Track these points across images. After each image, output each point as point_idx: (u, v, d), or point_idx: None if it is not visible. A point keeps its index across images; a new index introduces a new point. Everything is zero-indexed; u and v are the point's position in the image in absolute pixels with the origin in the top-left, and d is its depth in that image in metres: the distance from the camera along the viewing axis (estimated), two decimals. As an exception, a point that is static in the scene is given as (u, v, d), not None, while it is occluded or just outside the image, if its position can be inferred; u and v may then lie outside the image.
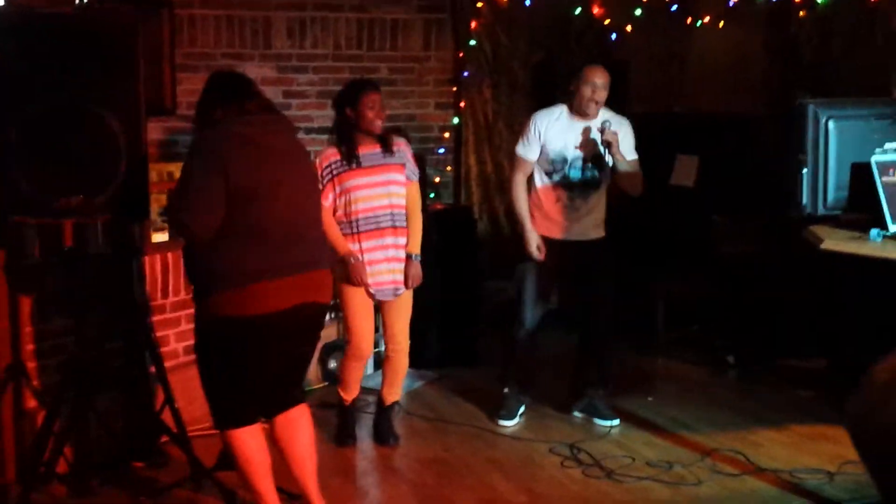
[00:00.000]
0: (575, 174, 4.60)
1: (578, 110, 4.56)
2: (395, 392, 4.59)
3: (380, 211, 4.30)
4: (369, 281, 4.31)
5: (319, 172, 4.25)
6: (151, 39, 5.63)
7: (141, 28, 3.79)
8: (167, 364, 4.22)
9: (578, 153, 4.59)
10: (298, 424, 3.53)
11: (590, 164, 4.60)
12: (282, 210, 3.29)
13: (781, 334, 5.57)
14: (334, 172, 4.28)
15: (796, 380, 5.34)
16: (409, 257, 4.39)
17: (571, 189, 4.62)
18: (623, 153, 4.54)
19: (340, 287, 4.36)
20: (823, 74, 5.80)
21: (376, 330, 4.81)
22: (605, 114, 4.59)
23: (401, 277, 4.38)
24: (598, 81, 4.51)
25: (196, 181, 3.24)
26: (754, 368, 5.55)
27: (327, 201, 4.27)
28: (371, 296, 4.37)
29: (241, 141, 3.28)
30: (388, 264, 4.34)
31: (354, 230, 4.29)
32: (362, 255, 4.29)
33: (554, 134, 4.59)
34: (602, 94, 4.53)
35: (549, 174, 4.63)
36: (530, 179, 4.71)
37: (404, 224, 4.38)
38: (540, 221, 4.68)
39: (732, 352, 5.65)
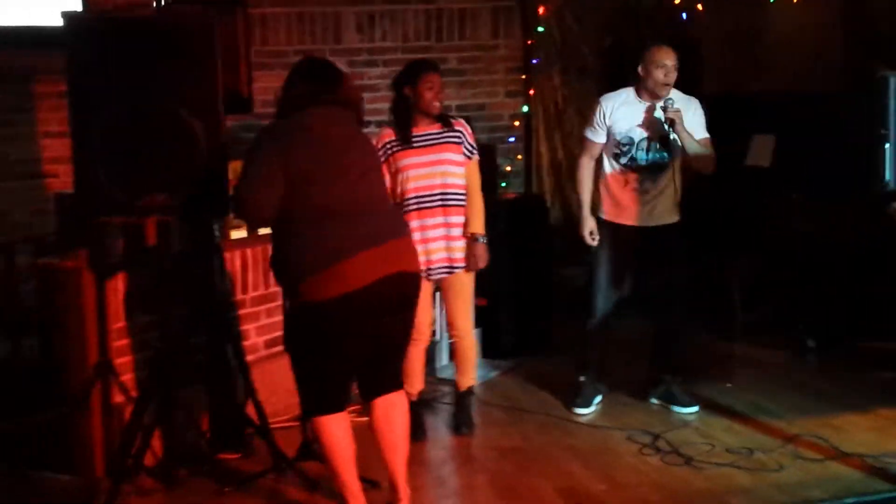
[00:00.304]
0: (642, 156, 4.56)
1: (651, 92, 4.52)
2: (469, 378, 4.60)
3: (429, 191, 4.30)
4: (421, 260, 4.31)
5: (379, 151, 4.27)
6: (227, 39, 5.73)
7: (217, 28, 3.87)
8: (249, 358, 4.32)
9: (645, 134, 4.55)
10: (396, 410, 3.53)
11: (656, 145, 4.55)
12: (344, 190, 3.36)
13: (863, 315, 5.44)
14: (389, 152, 4.31)
15: (879, 362, 5.20)
16: (473, 238, 4.37)
17: (640, 171, 4.58)
18: (692, 131, 4.48)
19: None
20: (902, 48, 5.64)
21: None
22: (672, 94, 4.52)
23: (447, 255, 4.33)
24: (668, 62, 4.47)
25: (255, 162, 3.38)
26: (835, 351, 5.44)
27: (385, 180, 4.30)
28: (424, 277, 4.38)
29: (301, 130, 3.41)
30: (434, 244, 4.31)
31: (405, 209, 4.29)
32: (423, 231, 4.29)
33: (620, 116, 4.57)
34: (673, 75, 4.49)
35: (616, 157, 4.61)
36: (600, 165, 4.69)
37: (459, 203, 4.36)
38: (610, 207, 4.66)
39: (812, 334, 5.54)
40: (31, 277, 4.67)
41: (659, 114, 4.49)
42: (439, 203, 4.33)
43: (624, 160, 4.60)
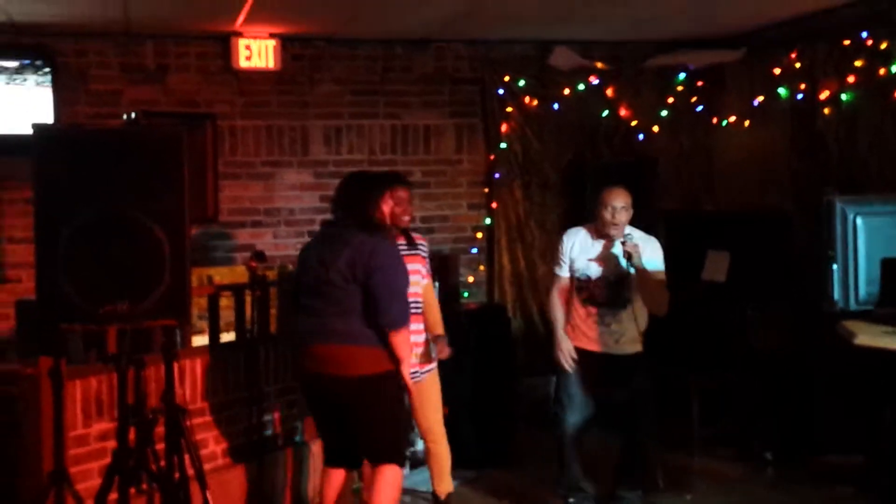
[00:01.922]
0: (601, 293, 4.65)
1: (599, 232, 4.65)
2: (447, 483, 4.59)
3: (411, 298, 4.38)
4: None
5: None
6: (195, 151, 5.86)
7: (186, 141, 3.94)
8: (206, 466, 4.27)
9: (600, 272, 4.63)
10: (372, 483, 4.09)
11: (614, 283, 4.63)
12: (310, 284, 4.06)
13: (819, 429, 5.51)
14: None
15: (835, 476, 5.24)
16: (438, 337, 4.54)
17: (599, 307, 4.67)
18: (648, 269, 4.55)
19: None
20: (851, 170, 5.86)
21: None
22: (634, 235, 4.62)
23: (416, 361, 4.45)
24: (616, 204, 4.57)
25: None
26: (792, 464, 5.47)
27: None
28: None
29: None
30: (413, 349, 4.40)
31: None
32: None
33: (578, 252, 4.71)
34: (621, 216, 4.57)
35: (578, 291, 4.71)
36: (570, 293, 4.79)
37: (420, 313, 4.52)
38: (576, 334, 4.75)
39: (770, 448, 5.58)
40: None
41: (618, 249, 4.58)
42: (413, 311, 4.40)
43: (583, 294, 4.69)
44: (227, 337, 5.12)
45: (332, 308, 4.04)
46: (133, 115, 5.76)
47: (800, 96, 6.21)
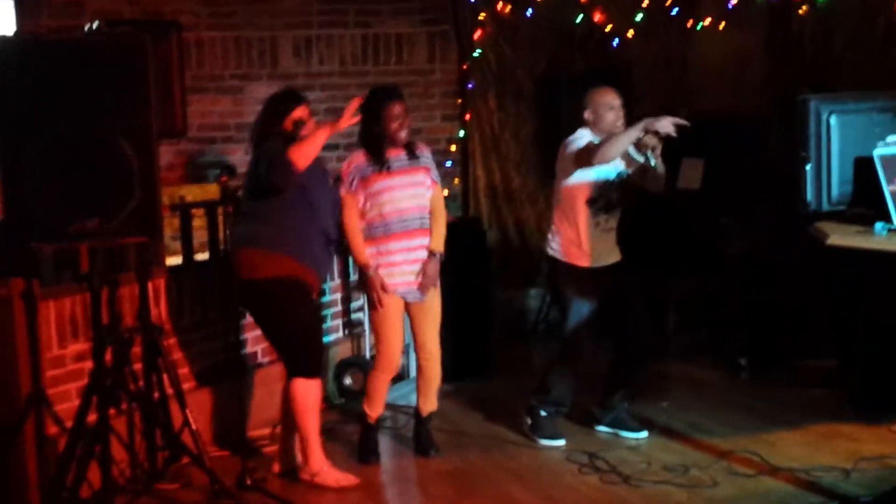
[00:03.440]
0: (614, 195, 4.55)
1: (606, 133, 4.47)
2: (432, 402, 4.61)
3: (409, 213, 4.38)
4: (397, 281, 4.38)
5: (346, 175, 4.38)
6: (160, 63, 5.69)
7: (150, 50, 3.83)
8: (185, 386, 4.28)
9: (621, 169, 4.54)
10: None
11: (622, 171, 4.55)
12: None
13: (793, 334, 5.58)
14: (363, 175, 4.36)
15: (809, 379, 5.34)
16: (431, 254, 4.42)
17: (610, 211, 4.55)
18: None
19: (368, 296, 4.42)
20: (826, 71, 5.81)
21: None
22: None
23: (413, 279, 4.42)
24: (615, 102, 4.50)
25: None
26: (767, 370, 5.56)
27: (356, 202, 4.36)
28: (403, 296, 4.42)
29: None
30: (416, 265, 4.41)
31: (386, 232, 4.36)
32: (391, 256, 4.36)
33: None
34: (622, 112, 4.52)
35: (592, 202, 4.52)
36: (568, 213, 4.57)
37: (427, 225, 4.45)
38: (576, 252, 4.57)
39: (745, 354, 5.66)
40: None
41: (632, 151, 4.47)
42: (419, 225, 4.40)
43: (601, 202, 4.53)
44: (201, 257, 5.08)
45: (239, 215, 4.22)
46: (95, 24, 5.61)
47: (775, -4, 6.12)
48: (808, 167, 4.32)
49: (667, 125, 4.32)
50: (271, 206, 4.10)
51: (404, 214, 4.37)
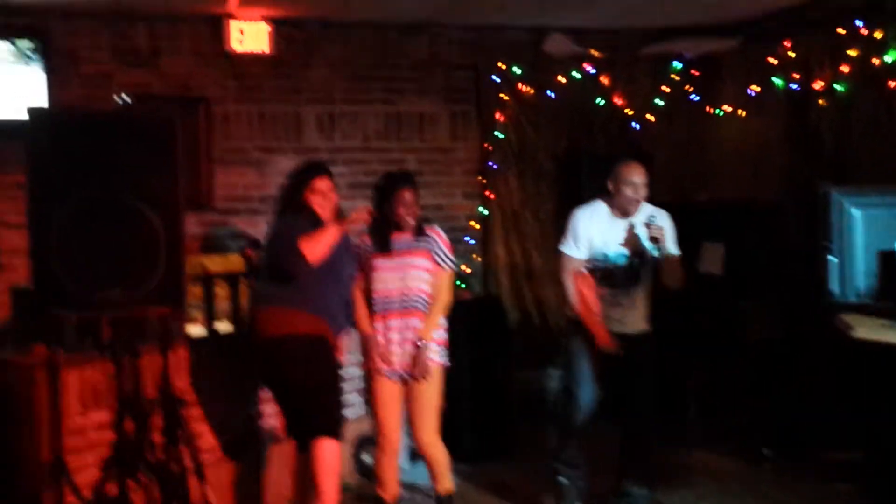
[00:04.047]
0: (618, 271, 4.53)
1: (621, 209, 4.53)
2: (445, 483, 4.53)
3: (397, 295, 4.37)
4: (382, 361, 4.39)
5: (355, 253, 4.44)
6: (188, 135, 5.79)
7: (179, 124, 3.89)
8: (204, 458, 4.23)
9: (620, 250, 4.54)
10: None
11: (631, 262, 4.54)
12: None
13: (818, 424, 5.49)
14: (362, 255, 4.44)
15: (835, 472, 5.23)
16: (416, 341, 4.38)
17: (614, 286, 4.56)
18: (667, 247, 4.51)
19: (367, 375, 4.44)
20: (844, 162, 5.86)
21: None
22: (646, 208, 4.55)
23: (405, 361, 4.40)
24: (637, 180, 4.48)
25: None
26: (791, 460, 5.45)
27: (360, 282, 4.43)
28: (391, 378, 4.40)
29: None
30: (398, 347, 4.38)
31: (375, 311, 4.40)
32: (388, 334, 4.38)
33: (595, 232, 4.55)
34: (643, 192, 4.50)
35: (591, 272, 4.58)
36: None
37: (420, 308, 4.40)
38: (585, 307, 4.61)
39: (768, 443, 5.56)
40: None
41: (641, 230, 4.48)
42: (404, 307, 4.38)
43: (598, 274, 4.57)
44: (222, 326, 5.08)
45: (260, 278, 4.29)
46: (125, 98, 5.71)
47: (795, 86, 6.21)
48: (831, 258, 4.34)
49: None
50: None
51: (391, 296, 4.38)
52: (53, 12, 5.99)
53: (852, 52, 5.75)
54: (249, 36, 6.29)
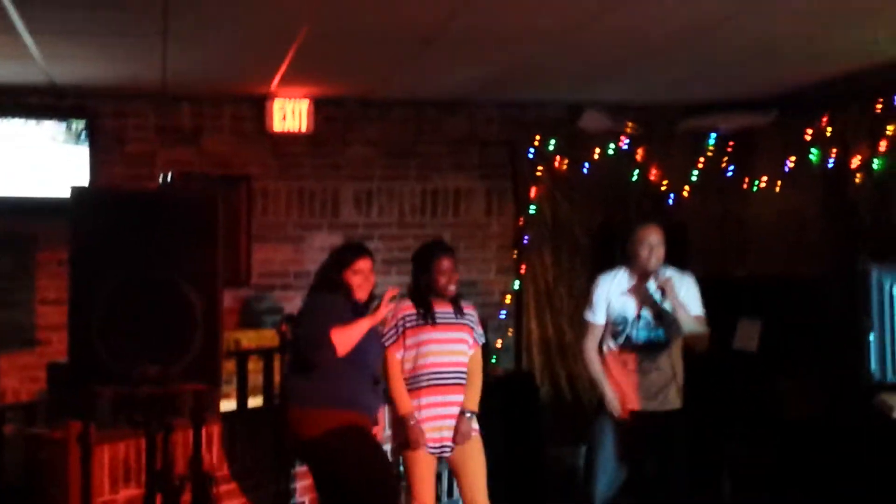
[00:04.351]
0: (638, 334, 4.57)
1: (640, 271, 4.59)
2: None
3: (448, 368, 4.39)
4: (435, 436, 4.35)
5: (390, 325, 4.41)
6: (230, 212, 5.90)
7: (221, 205, 3.96)
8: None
9: (636, 311, 4.57)
10: None
11: (651, 323, 4.57)
12: None
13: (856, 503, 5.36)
14: (407, 326, 4.41)
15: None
16: (462, 413, 4.39)
17: (637, 351, 4.57)
18: (687, 307, 4.52)
19: (402, 451, 4.39)
20: (884, 237, 5.80)
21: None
22: (668, 272, 4.59)
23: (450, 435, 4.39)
24: (652, 239, 4.56)
25: None
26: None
27: (398, 353, 4.37)
28: (435, 453, 4.37)
29: None
30: (450, 420, 4.39)
31: (422, 384, 4.36)
32: (421, 410, 4.35)
33: (615, 295, 4.62)
34: (660, 252, 4.56)
35: (614, 337, 4.61)
36: (600, 349, 4.69)
37: (463, 382, 4.44)
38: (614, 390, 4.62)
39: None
40: (18, 445, 4.61)
41: (652, 286, 4.53)
42: (454, 381, 4.40)
43: (620, 340, 4.60)
44: (255, 401, 5.11)
45: (292, 366, 4.29)
46: (169, 176, 5.85)
47: (831, 161, 6.18)
48: (871, 336, 4.27)
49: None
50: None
51: (443, 368, 4.39)
52: (100, 94, 6.20)
53: (890, 127, 5.72)
54: (290, 115, 6.44)
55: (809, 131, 6.35)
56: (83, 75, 5.74)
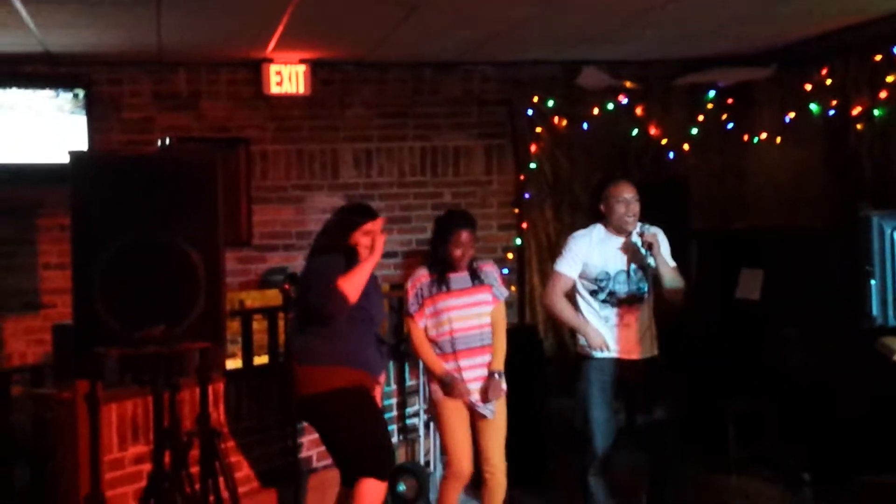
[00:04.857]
0: (620, 288, 4.57)
1: (616, 227, 4.58)
2: None
3: (472, 331, 4.41)
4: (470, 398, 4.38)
5: (410, 293, 4.42)
6: (228, 174, 5.90)
7: (220, 165, 3.96)
8: (241, 490, 4.28)
9: (620, 267, 4.57)
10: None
11: (635, 276, 4.58)
12: None
13: (858, 449, 5.42)
14: (426, 294, 4.42)
15: (876, 497, 5.14)
16: (491, 374, 4.42)
17: (619, 305, 4.59)
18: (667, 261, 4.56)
19: (436, 405, 4.44)
20: (885, 186, 5.80)
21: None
22: (647, 226, 4.58)
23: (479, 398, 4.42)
24: (628, 196, 4.55)
25: None
26: (831, 485, 5.38)
27: (421, 321, 4.41)
28: (473, 412, 4.41)
29: None
30: (476, 383, 4.41)
31: (450, 349, 4.39)
32: (460, 373, 4.38)
33: (595, 251, 4.60)
34: (635, 207, 4.56)
35: (594, 294, 4.60)
36: (576, 306, 4.65)
37: (489, 342, 4.46)
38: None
39: (808, 468, 5.49)
40: (25, 407, 4.66)
41: (636, 239, 4.54)
42: (479, 343, 4.42)
43: (602, 296, 4.59)
44: (260, 360, 5.14)
45: (295, 325, 4.31)
46: (167, 140, 5.85)
47: (831, 112, 6.17)
48: (872, 282, 4.29)
49: None
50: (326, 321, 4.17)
51: (466, 332, 4.41)
52: (96, 61, 6.18)
53: (889, 78, 5.70)
54: (287, 78, 6.44)
55: (808, 85, 6.33)
56: (78, 43, 5.72)
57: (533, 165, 6.94)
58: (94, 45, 5.80)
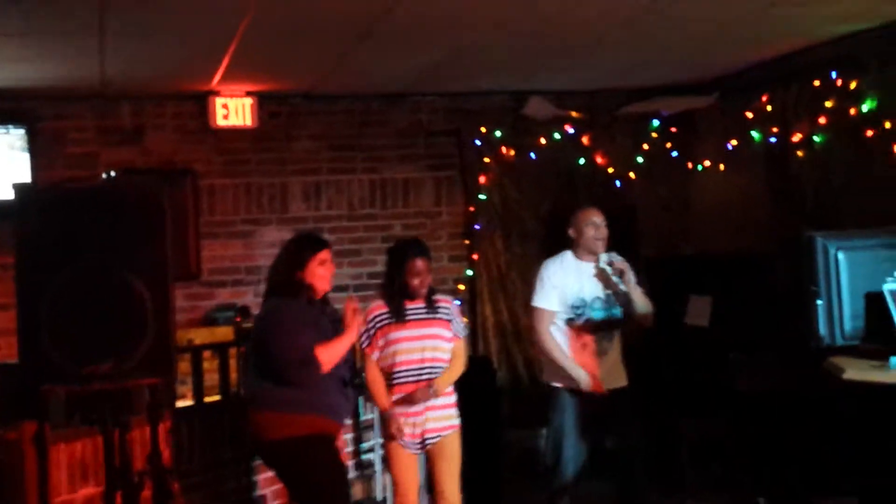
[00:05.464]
0: (598, 314, 4.62)
1: (586, 250, 4.66)
2: None
3: (420, 364, 4.36)
4: (412, 432, 4.35)
5: (364, 326, 4.34)
6: (176, 208, 5.81)
7: (166, 199, 3.90)
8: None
9: (596, 293, 4.63)
10: None
11: (609, 302, 4.62)
12: None
13: (811, 470, 5.47)
14: (378, 325, 4.37)
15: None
16: (429, 385, 4.35)
17: (596, 331, 4.62)
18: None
19: (385, 442, 4.41)
20: (826, 211, 5.91)
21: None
22: (613, 255, 4.68)
23: (434, 426, 4.39)
24: (597, 220, 4.67)
25: None
26: (787, 508, 5.42)
27: (374, 354, 4.35)
28: (416, 451, 4.39)
29: None
30: (421, 417, 4.37)
31: (397, 381, 4.36)
32: (397, 408, 4.35)
33: (567, 279, 4.64)
34: (604, 231, 4.66)
35: (570, 322, 4.63)
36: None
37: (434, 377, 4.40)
38: (556, 371, 4.66)
39: (763, 492, 5.53)
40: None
41: (604, 266, 4.61)
42: (427, 376, 4.37)
43: (580, 322, 4.62)
44: (211, 399, 5.05)
45: (251, 367, 4.17)
46: (112, 173, 5.77)
47: (773, 139, 6.29)
48: (819, 302, 4.36)
49: None
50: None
51: (414, 365, 4.36)
52: (39, 96, 6.08)
53: (828, 103, 5.83)
54: (233, 110, 6.39)
55: (749, 113, 6.45)
56: (24, 78, 5.63)
57: (482, 196, 6.96)
58: (37, 80, 5.71)
